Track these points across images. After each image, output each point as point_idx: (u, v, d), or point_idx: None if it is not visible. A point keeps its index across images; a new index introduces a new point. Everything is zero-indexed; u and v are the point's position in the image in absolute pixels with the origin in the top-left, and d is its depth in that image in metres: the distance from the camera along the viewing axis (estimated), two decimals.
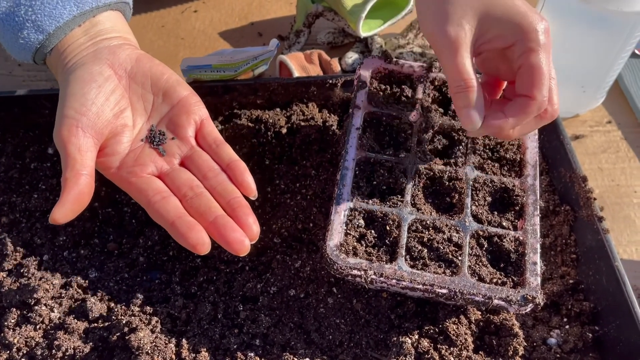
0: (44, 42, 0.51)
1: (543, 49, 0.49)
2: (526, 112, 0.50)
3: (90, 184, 0.47)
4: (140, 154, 0.51)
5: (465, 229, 0.54)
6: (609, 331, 0.56)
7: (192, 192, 0.49)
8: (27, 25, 0.51)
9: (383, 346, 0.54)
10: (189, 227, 0.46)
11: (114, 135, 0.50)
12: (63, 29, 0.51)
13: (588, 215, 0.60)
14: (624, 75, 0.82)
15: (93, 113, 0.49)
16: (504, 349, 0.53)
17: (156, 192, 0.48)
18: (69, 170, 0.47)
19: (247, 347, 0.53)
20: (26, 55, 0.53)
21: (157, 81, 0.52)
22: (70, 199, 0.46)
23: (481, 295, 0.50)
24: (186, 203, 0.48)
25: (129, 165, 0.50)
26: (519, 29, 0.49)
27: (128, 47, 0.53)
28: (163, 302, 0.57)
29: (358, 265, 0.51)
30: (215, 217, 0.47)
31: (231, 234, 0.46)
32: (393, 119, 0.60)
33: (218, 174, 0.50)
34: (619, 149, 0.77)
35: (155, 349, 0.51)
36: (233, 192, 0.49)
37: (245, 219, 0.48)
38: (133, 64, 0.52)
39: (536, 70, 0.49)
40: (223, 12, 0.90)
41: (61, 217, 0.46)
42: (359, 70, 0.62)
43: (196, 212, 0.48)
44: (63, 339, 0.52)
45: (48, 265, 0.58)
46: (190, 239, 0.46)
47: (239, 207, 0.48)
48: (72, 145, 0.47)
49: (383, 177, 0.57)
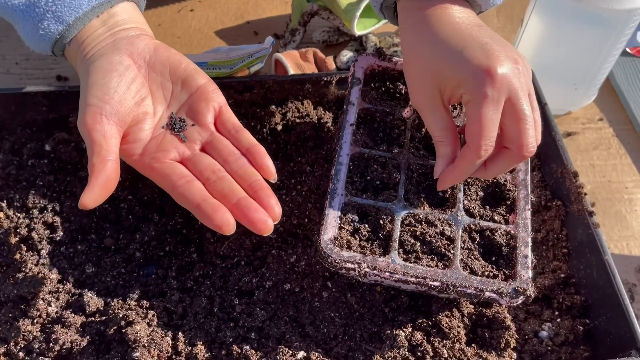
0: (63, 32, 0.52)
1: (482, 100, 0.49)
2: (465, 158, 0.51)
3: (117, 169, 0.48)
4: (162, 140, 0.52)
5: (458, 223, 0.55)
6: (600, 324, 0.56)
7: (214, 175, 0.50)
8: (48, 16, 0.51)
9: (377, 339, 0.55)
10: (214, 209, 0.47)
11: (136, 123, 0.51)
12: (82, 19, 0.52)
13: (579, 210, 0.61)
14: (615, 73, 0.83)
15: (115, 101, 0.50)
16: (496, 342, 0.54)
17: (180, 176, 0.49)
18: (95, 157, 0.48)
19: (242, 341, 0.54)
20: (45, 47, 0.53)
21: (175, 70, 0.53)
22: (99, 183, 0.47)
23: (473, 288, 0.51)
24: (209, 186, 0.49)
25: (151, 151, 0.51)
26: (462, 83, 0.50)
27: (145, 37, 0.54)
28: (159, 297, 0.57)
29: (352, 258, 0.52)
30: (238, 199, 0.48)
31: (255, 215, 0.48)
32: (387, 115, 0.61)
33: (238, 158, 0.51)
34: (610, 146, 0.78)
35: (151, 342, 0.52)
36: (254, 175, 0.50)
37: (268, 200, 0.49)
38: (151, 53, 0.53)
39: (470, 120, 0.50)
40: (219, 11, 0.91)
41: (90, 202, 0.47)
42: (353, 67, 0.63)
43: (219, 195, 0.49)
44: (60, 332, 0.52)
45: (45, 261, 0.58)
46: (216, 220, 0.47)
47: (260, 189, 0.50)
48: (97, 132, 0.48)
49: (377, 172, 0.58)
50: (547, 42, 0.73)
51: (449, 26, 0.52)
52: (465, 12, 0.54)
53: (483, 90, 0.49)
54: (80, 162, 0.65)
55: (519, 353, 0.55)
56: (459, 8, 0.53)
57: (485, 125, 0.49)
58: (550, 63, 0.74)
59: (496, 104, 0.49)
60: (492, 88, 0.49)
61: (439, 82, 0.52)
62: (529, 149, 0.51)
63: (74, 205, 0.62)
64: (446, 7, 0.53)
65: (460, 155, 0.52)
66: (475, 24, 0.53)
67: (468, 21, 0.53)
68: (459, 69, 0.50)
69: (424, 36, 0.53)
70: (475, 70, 0.49)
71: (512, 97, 0.49)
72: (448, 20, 0.52)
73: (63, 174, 0.64)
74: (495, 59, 0.49)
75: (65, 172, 0.64)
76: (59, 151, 0.65)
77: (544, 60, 0.74)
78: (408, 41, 0.55)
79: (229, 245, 0.60)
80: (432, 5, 0.53)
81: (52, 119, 0.68)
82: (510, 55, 0.50)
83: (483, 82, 0.49)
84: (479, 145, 0.50)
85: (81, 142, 0.65)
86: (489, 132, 0.49)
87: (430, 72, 0.52)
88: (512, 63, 0.50)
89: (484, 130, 0.49)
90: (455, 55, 0.50)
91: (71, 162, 0.65)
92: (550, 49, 0.73)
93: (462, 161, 0.52)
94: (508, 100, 0.49)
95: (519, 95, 0.50)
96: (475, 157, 0.50)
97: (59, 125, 0.68)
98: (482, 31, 0.52)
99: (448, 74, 0.51)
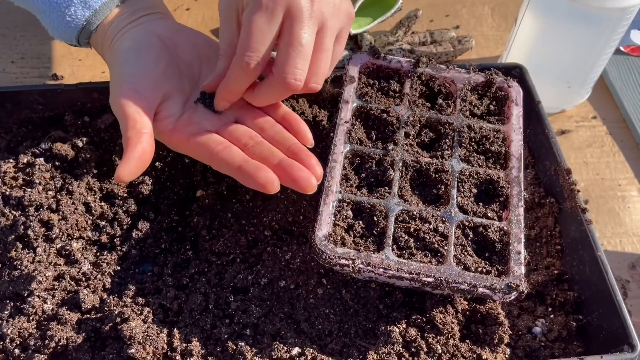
0: (90, 18, 0.53)
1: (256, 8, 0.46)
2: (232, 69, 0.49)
3: (152, 142, 0.48)
4: (193, 114, 0.52)
5: (451, 220, 0.56)
6: (593, 320, 0.57)
7: (252, 141, 0.50)
8: (75, 1, 0.52)
9: (371, 335, 0.55)
10: (257, 168, 0.47)
11: (167, 99, 0.52)
12: (108, 4, 0.53)
13: (572, 206, 0.61)
14: (608, 71, 0.84)
15: (146, 77, 0.50)
16: (489, 338, 0.54)
17: (217, 143, 0.49)
18: (130, 130, 0.48)
19: (237, 337, 0.54)
20: (71, 35, 0.54)
21: (200, 49, 0.54)
22: (135, 155, 0.47)
23: (466, 284, 0.51)
24: (248, 151, 0.50)
25: (184, 125, 0.51)
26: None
27: (169, 20, 0.55)
28: (155, 294, 0.57)
29: (346, 254, 0.52)
30: (279, 160, 0.49)
31: (298, 173, 0.48)
32: (381, 112, 0.61)
33: (274, 124, 0.52)
34: (603, 144, 0.78)
35: (147, 339, 0.52)
36: (291, 139, 0.51)
37: (309, 160, 0.50)
38: (177, 33, 0.54)
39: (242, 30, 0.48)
40: (215, 10, 0.91)
41: (127, 175, 0.46)
42: (348, 66, 0.64)
43: (259, 158, 0.49)
44: (56, 329, 0.52)
45: (41, 258, 0.58)
46: (260, 179, 0.47)
47: (300, 151, 0.50)
48: (130, 107, 0.48)
49: (371, 170, 0.58)
50: (541, 40, 0.73)
51: None
52: None
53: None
54: (76, 160, 0.65)
55: (513, 349, 0.55)
56: None
57: (252, 33, 0.46)
58: (544, 61, 0.75)
59: (270, 15, 0.46)
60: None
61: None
62: (289, 77, 0.47)
63: (70, 203, 0.62)
64: None
65: (231, 66, 0.49)
66: None
67: None
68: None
69: None
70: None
71: (291, 17, 0.46)
72: None
73: (59, 172, 0.64)
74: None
75: (61, 170, 0.64)
76: (55, 149, 0.65)
77: (537, 59, 0.74)
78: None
79: (224, 242, 0.60)
80: None
81: (48, 117, 0.68)
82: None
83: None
84: (242, 54, 0.47)
85: (77, 141, 0.66)
86: (255, 43, 0.46)
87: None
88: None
89: (250, 40, 0.46)
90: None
91: (67, 160, 0.65)
92: (544, 47, 0.74)
93: (230, 72, 0.49)
94: (286, 20, 0.47)
95: (301, 17, 0.46)
96: (238, 68, 0.48)
97: (55, 123, 0.68)
98: None
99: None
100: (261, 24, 0.46)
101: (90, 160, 0.64)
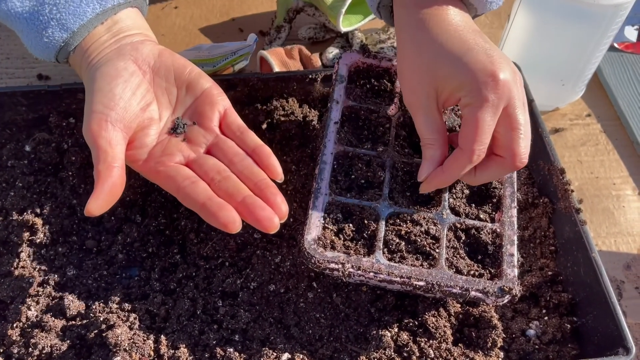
0: (67, 40, 0.52)
1: (482, 104, 0.48)
2: (456, 161, 0.51)
3: (123, 176, 0.49)
4: (167, 145, 0.52)
5: (443, 222, 0.55)
6: (587, 322, 0.56)
7: (219, 176, 0.50)
8: (52, 23, 0.51)
9: (363, 340, 0.54)
10: (219, 207, 0.47)
11: (142, 129, 0.52)
12: (87, 26, 0.52)
13: (566, 207, 0.60)
14: (603, 68, 0.83)
15: (121, 107, 0.50)
16: (482, 341, 0.54)
17: (185, 177, 0.49)
18: (101, 163, 0.48)
19: (226, 343, 0.53)
20: (49, 54, 0.53)
21: (180, 74, 0.54)
22: (105, 190, 0.47)
23: (458, 287, 0.51)
24: (214, 186, 0.49)
25: (156, 156, 0.51)
26: (463, 86, 0.50)
27: (149, 43, 0.54)
28: (142, 299, 0.56)
29: (335, 258, 0.51)
30: (243, 197, 0.48)
31: (260, 212, 0.47)
32: (371, 113, 0.60)
33: (244, 158, 0.51)
34: (598, 142, 0.77)
35: (133, 346, 0.51)
36: (260, 175, 0.50)
37: (274, 198, 0.49)
38: (156, 58, 0.53)
39: (466, 124, 0.50)
40: (204, 8, 0.90)
41: (96, 209, 0.47)
42: (337, 65, 0.62)
43: (225, 194, 0.49)
44: (40, 337, 0.51)
45: (25, 264, 0.57)
46: (222, 218, 0.47)
47: (266, 187, 0.49)
48: (103, 138, 0.48)
49: (361, 171, 0.57)
50: (534, 38, 0.72)
51: (451, 28, 0.51)
52: (463, 15, 0.53)
53: (484, 94, 0.48)
54: (61, 163, 0.64)
55: (506, 352, 0.55)
56: (456, 10, 0.53)
57: (481, 129, 0.49)
58: (537, 59, 0.74)
59: (495, 109, 0.49)
60: (494, 93, 0.48)
61: (436, 83, 0.51)
62: (521, 158, 0.50)
63: (54, 207, 0.61)
64: (445, 9, 0.53)
65: (451, 159, 0.52)
66: (474, 29, 0.52)
67: (467, 25, 0.52)
68: (461, 71, 0.49)
69: (423, 36, 0.52)
70: (478, 74, 0.49)
71: (510, 105, 0.49)
72: (448, 22, 0.52)
73: (43, 175, 0.63)
74: (498, 65, 0.49)
75: (46, 173, 0.63)
76: (39, 152, 0.64)
77: (530, 57, 0.74)
78: (406, 40, 0.54)
79: (212, 246, 0.59)
80: (430, 4, 0.53)
81: (32, 119, 0.66)
82: (510, 63, 0.50)
83: (485, 86, 0.48)
84: (472, 149, 0.49)
85: (62, 143, 0.64)
86: (483, 138, 0.49)
87: (428, 72, 0.51)
88: (513, 72, 0.50)
89: (479, 135, 0.49)
90: (457, 57, 0.50)
91: (52, 163, 0.64)
92: (537, 44, 0.73)
93: (453, 164, 0.51)
94: (505, 107, 0.49)
95: (516, 103, 0.49)
96: (467, 162, 0.50)
97: (39, 125, 0.67)
98: (482, 37, 0.52)
99: (448, 75, 0.50)
100: (488, 119, 0.49)
101: (76, 163, 0.63)
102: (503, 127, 0.50)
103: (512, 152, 0.50)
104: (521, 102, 0.50)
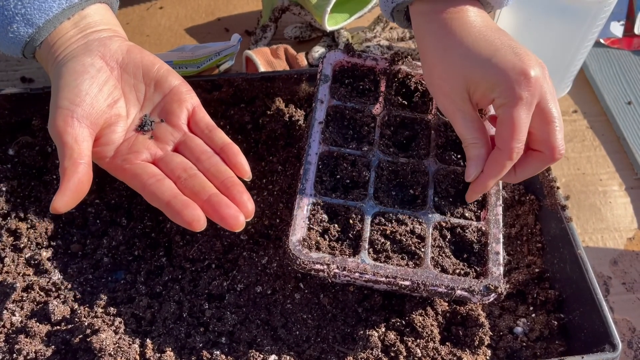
0: (33, 35, 0.51)
1: (516, 102, 0.49)
2: (496, 162, 0.52)
3: (89, 172, 0.48)
4: (134, 142, 0.51)
5: (428, 221, 0.54)
6: (574, 318, 0.56)
7: (185, 174, 0.50)
8: (17, 18, 0.51)
9: (350, 340, 0.54)
10: (184, 205, 0.47)
11: (109, 125, 0.51)
12: (53, 22, 0.51)
13: (552, 204, 0.60)
14: (589, 64, 0.83)
15: (87, 104, 0.49)
16: (470, 340, 0.54)
17: (150, 175, 0.49)
18: (67, 160, 0.47)
19: (212, 346, 0.53)
20: (15, 50, 0.52)
21: (148, 71, 0.53)
22: (71, 187, 0.47)
23: (444, 287, 0.50)
24: (180, 184, 0.49)
25: (123, 153, 0.51)
26: (495, 87, 0.50)
27: (118, 39, 0.53)
28: (127, 303, 0.56)
29: (321, 259, 0.51)
30: (209, 196, 0.48)
31: (226, 210, 0.47)
32: (356, 112, 0.60)
33: (211, 156, 0.51)
34: (584, 138, 0.78)
35: (118, 350, 0.50)
36: (226, 173, 0.50)
37: (240, 196, 0.49)
38: (124, 55, 0.52)
39: (502, 123, 0.50)
40: (189, 8, 0.89)
41: (62, 206, 0.46)
42: (322, 64, 0.62)
43: (190, 192, 0.48)
44: (24, 342, 0.51)
45: (9, 269, 0.56)
46: (186, 216, 0.46)
47: (232, 185, 0.49)
48: (69, 135, 0.48)
49: (346, 171, 0.57)
50: (519, 34, 0.72)
51: (474, 30, 0.52)
52: (482, 14, 0.54)
53: (518, 92, 0.49)
54: (45, 167, 0.63)
55: (494, 350, 0.55)
56: (475, 10, 0.54)
57: (518, 127, 0.49)
58: None
59: (529, 106, 0.49)
60: (527, 90, 0.49)
61: (468, 86, 0.52)
62: (560, 150, 0.51)
63: (38, 211, 0.60)
64: (464, 10, 0.53)
65: (491, 160, 0.52)
66: (496, 27, 0.53)
67: (489, 25, 0.53)
68: (492, 72, 0.50)
69: (448, 42, 0.52)
70: (509, 73, 0.49)
71: (542, 100, 0.50)
72: (470, 24, 0.52)
73: (27, 178, 0.62)
74: (528, 62, 0.49)
75: (30, 177, 0.63)
76: (23, 155, 0.63)
77: None
78: (429, 47, 0.54)
79: (198, 248, 0.59)
80: (448, 7, 0.53)
81: (15, 122, 0.66)
82: (537, 59, 0.51)
83: (518, 85, 0.49)
84: (511, 148, 0.50)
85: (46, 146, 0.64)
86: (520, 135, 0.50)
87: (459, 76, 0.52)
88: (541, 67, 0.50)
89: (517, 133, 0.49)
90: (487, 59, 0.50)
91: (35, 167, 0.63)
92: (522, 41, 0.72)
93: (494, 166, 0.52)
94: (538, 103, 0.50)
95: (548, 97, 0.50)
96: (507, 160, 0.51)
97: (22, 128, 0.66)
98: (505, 35, 0.52)
99: (479, 78, 0.51)
100: (523, 116, 0.49)
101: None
102: (538, 122, 0.50)
103: (551, 145, 0.51)
104: (552, 96, 0.50)
